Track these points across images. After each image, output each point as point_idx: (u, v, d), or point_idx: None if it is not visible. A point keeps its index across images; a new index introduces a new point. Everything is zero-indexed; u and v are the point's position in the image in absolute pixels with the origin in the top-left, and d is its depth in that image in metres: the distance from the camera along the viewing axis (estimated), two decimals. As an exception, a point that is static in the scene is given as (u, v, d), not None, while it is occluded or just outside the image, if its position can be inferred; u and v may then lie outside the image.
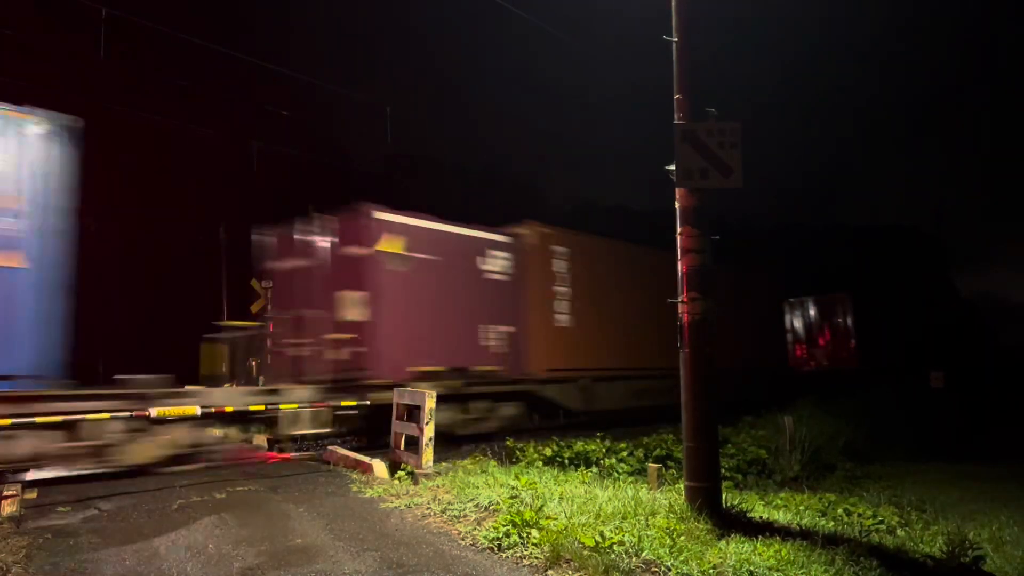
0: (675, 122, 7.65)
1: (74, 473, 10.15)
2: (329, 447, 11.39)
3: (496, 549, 6.30)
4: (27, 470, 9.12)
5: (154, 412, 8.86)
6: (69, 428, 8.78)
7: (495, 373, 14.60)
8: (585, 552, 5.74)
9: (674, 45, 7.82)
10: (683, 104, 7.71)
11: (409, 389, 10.20)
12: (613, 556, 5.70)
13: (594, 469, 10.71)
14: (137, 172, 24.49)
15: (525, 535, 6.38)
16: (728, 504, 7.59)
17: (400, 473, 9.45)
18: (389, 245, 12.91)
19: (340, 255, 13.15)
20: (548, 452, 11.44)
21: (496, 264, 15.10)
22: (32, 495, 8.13)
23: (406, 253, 13.17)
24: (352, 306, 12.55)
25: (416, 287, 13.34)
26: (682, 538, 6.16)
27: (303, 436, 12.14)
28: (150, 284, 24.78)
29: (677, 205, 7.66)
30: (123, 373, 9.78)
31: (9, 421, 8.10)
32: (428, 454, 9.30)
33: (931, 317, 41.08)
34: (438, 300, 13.79)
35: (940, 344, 37.96)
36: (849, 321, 30.14)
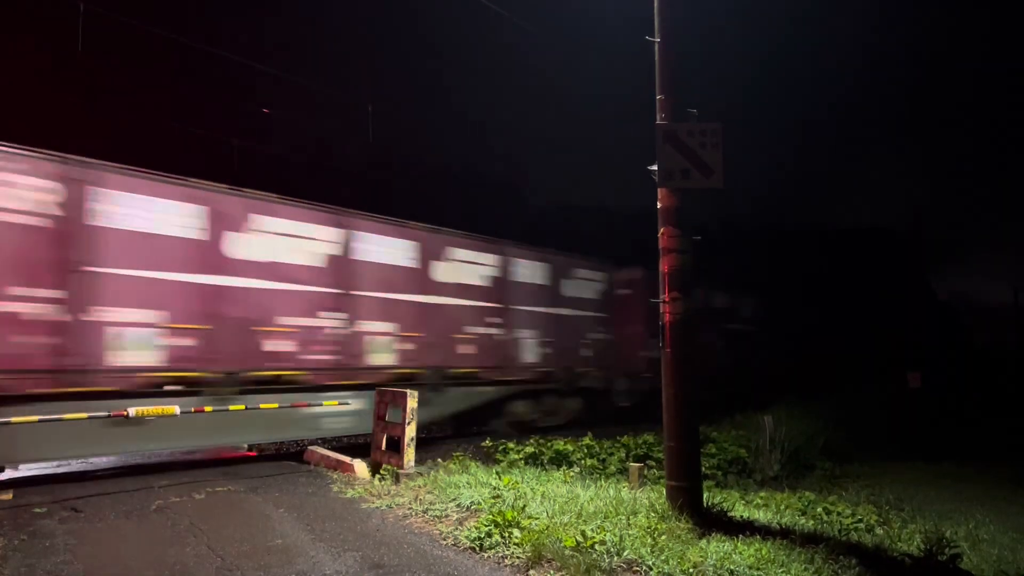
0: (657, 122, 7.68)
1: (50, 472, 10.05)
2: (309, 447, 11.31)
3: (478, 549, 6.29)
4: (2, 469, 9.01)
5: (133, 412, 8.75)
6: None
7: None
8: (567, 552, 5.74)
9: (656, 46, 7.85)
10: (665, 104, 7.74)
11: (392, 389, 10.16)
12: (595, 555, 5.72)
13: (576, 469, 10.72)
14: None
15: (507, 535, 6.37)
16: (709, 503, 7.62)
17: (382, 473, 9.41)
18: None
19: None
20: (529, 451, 11.45)
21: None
22: (7, 496, 8.03)
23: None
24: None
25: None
26: (663, 537, 6.18)
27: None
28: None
29: (659, 205, 7.69)
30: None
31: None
32: (410, 454, 9.27)
33: (908, 318, 41.51)
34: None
35: (917, 345, 38.36)
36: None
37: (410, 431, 9.26)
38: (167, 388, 9.89)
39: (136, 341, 9.61)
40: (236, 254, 10.79)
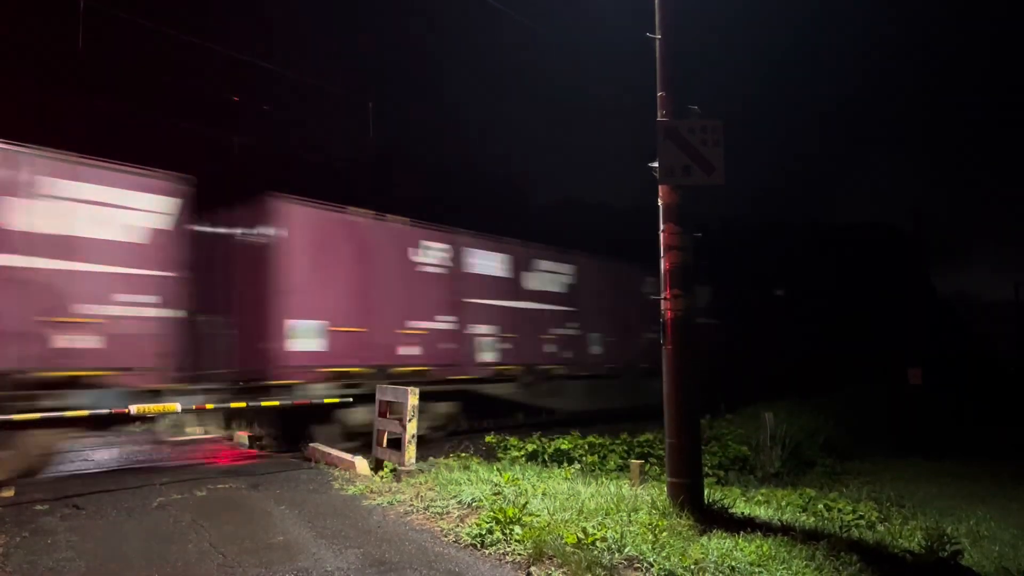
0: (658, 119, 7.67)
1: (52, 471, 10.06)
2: (311, 444, 11.33)
3: (479, 546, 6.30)
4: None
5: (134, 409, 8.76)
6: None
7: None
8: (568, 548, 5.74)
9: (657, 42, 7.84)
10: (666, 101, 7.73)
11: (392, 386, 10.17)
12: (596, 552, 5.71)
13: (576, 466, 10.72)
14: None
15: (508, 532, 6.38)
16: (710, 500, 7.62)
17: (383, 471, 9.42)
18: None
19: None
20: (530, 448, 11.45)
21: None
22: (9, 493, 8.04)
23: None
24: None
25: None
26: (664, 534, 6.18)
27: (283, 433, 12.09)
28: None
29: (660, 202, 7.67)
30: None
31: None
32: (411, 451, 9.28)
33: (909, 314, 41.46)
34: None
35: (918, 341, 38.33)
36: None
37: (411, 428, 9.27)
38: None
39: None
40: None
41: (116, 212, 9.83)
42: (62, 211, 9.33)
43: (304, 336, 11.65)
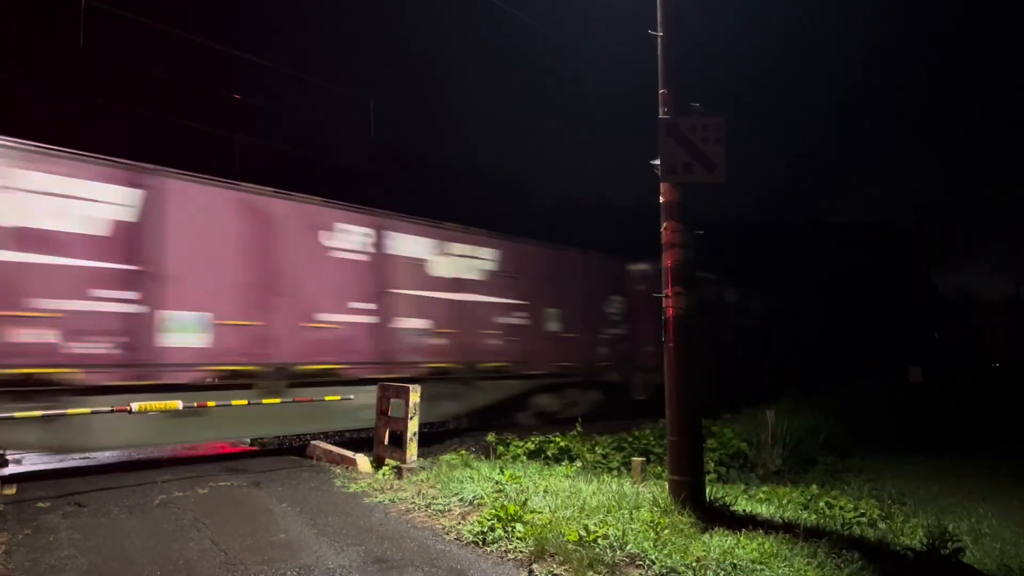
0: (659, 117, 7.66)
1: (54, 467, 10.08)
2: (312, 441, 11.33)
3: (481, 543, 6.30)
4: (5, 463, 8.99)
5: (135, 407, 8.76)
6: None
7: None
8: (570, 546, 5.75)
9: (659, 39, 7.84)
10: (668, 99, 7.72)
11: (394, 383, 10.17)
12: (597, 550, 5.72)
13: (578, 463, 10.72)
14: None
15: (510, 529, 6.38)
16: (712, 497, 7.62)
17: (384, 468, 9.42)
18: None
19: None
20: (531, 446, 11.45)
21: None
22: (11, 491, 8.04)
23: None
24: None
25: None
26: (666, 531, 6.18)
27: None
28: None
29: (661, 200, 7.68)
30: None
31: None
32: (412, 449, 9.29)
33: (910, 312, 41.49)
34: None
35: (919, 339, 38.35)
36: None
37: (413, 426, 9.28)
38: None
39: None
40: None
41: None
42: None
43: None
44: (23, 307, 8.83)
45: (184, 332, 10.28)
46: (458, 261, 14.60)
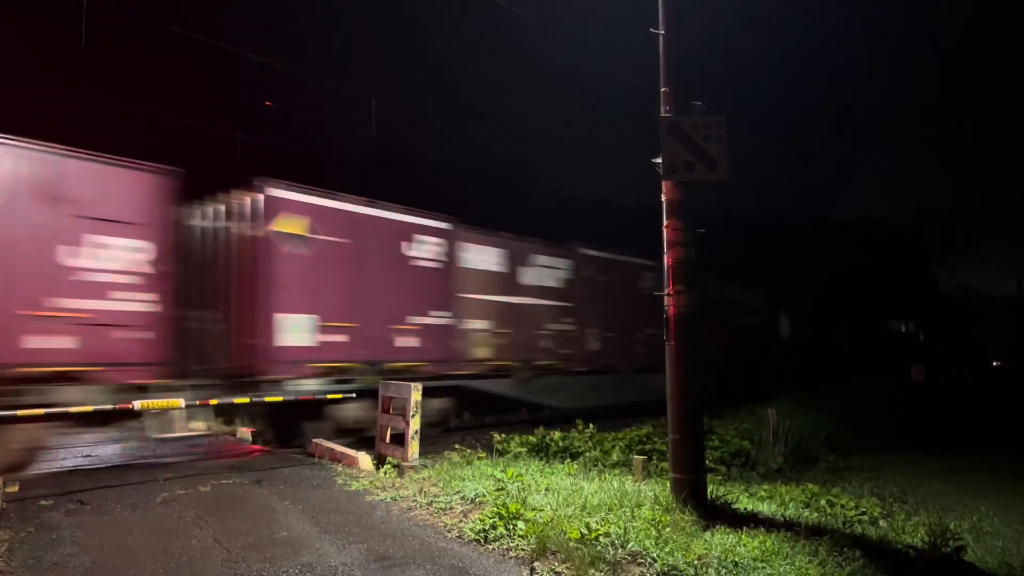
0: (661, 115, 7.66)
1: (56, 466, 10.09)
2: (314, 440, 11.34)
3: (482, 541, 6.31)
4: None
5: (138, 405, 8.78)
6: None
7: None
8: (571, 544, 5.75)
9: (660, 38, 7.84)
10: (669, 97, 7.72)
11: (395, 382, 10.18)
12: (599, 548, 5.73)
13: (580, 461, 10.72)
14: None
15: (511, 527, 6.39)
16: (713, 495, 7.63)
17: (386, 466, 9.43)
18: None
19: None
20: (533, 443, 11.45)
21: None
22: (14, 489, 8.06)
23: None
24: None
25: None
26: (668, 529, 6.19)
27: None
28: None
29: (663, 198, 7.67)
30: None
31: None
32: (414, 447, 9.29)
33: (911, 310, 41.47)
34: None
35: (920, 337, 38.32)
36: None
37: (414, 424, 9.28)
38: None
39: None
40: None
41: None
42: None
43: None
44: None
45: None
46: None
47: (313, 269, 11.87)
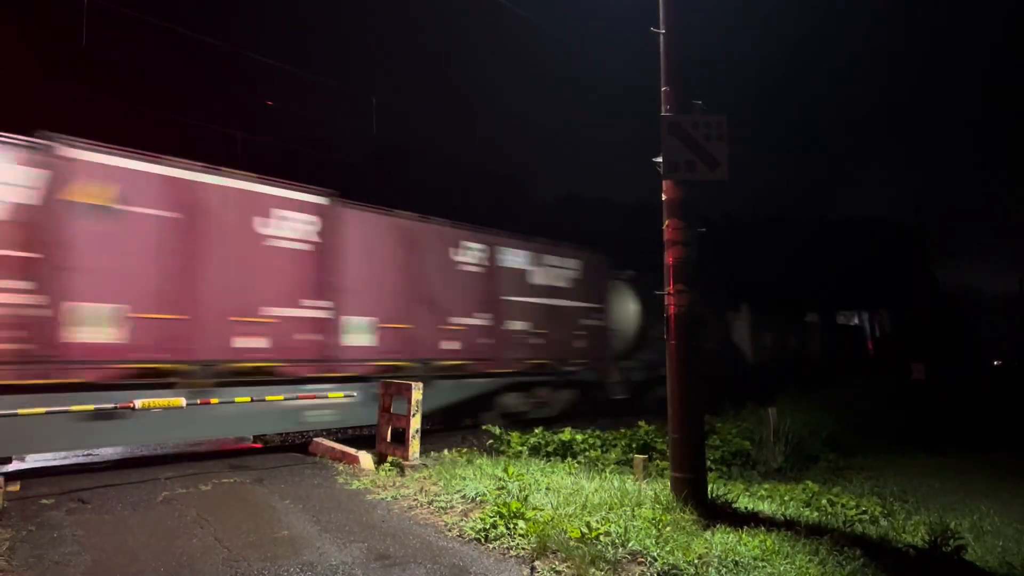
0: (662, 114, 7.66)
1: (57, 464, 10.10)
2: (315, 439, 11.34)
3: (483, 540, 6.32)
4: (9, 460, 9.02)
5: (139, 404, 8.77)
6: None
7: None
8: (572, 543, 5.76)
9: (661, 37, 7.84)
10: (670, 96, 7.72)
11: (396, 381, 10.18)
12: (599, 547, 5.73)
13: (580, 460, 10.73)
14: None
15: (512, 526, 6.40)
16: (713, 495, 7.63)
17: (386, 465, 9.44)
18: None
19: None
20: (533, 442, 11.46)
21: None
22: (15, 488, 8.06)
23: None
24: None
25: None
26: (668, 529, 6.20)
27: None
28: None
29: (663, 197, 7.68)
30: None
31: None
32: (415, 446, 9.30)
33: (912, 309, 41.46)
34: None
35: (921, 336, 38.31)
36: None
37: (415, 423, 9.29)
38: None
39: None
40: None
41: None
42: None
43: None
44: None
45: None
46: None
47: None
